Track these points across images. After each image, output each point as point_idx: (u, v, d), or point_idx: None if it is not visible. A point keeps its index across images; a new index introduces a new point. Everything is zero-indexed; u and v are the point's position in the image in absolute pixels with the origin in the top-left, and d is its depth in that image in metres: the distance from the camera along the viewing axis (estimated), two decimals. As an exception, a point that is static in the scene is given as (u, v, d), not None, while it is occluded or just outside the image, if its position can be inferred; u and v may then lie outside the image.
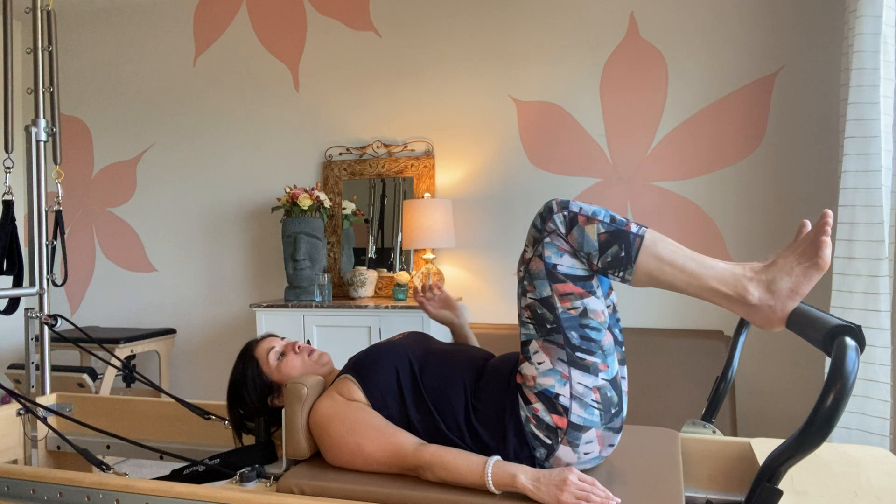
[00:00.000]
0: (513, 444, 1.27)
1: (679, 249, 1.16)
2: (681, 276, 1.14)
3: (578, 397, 1.23)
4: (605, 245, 1.18)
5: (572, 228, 1.21)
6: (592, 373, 1.24)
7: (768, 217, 2.84)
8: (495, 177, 3.19)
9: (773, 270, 1.11)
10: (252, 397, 1.51)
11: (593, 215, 1.21)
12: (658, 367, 2.72)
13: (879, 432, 2.09)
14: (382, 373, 1.37)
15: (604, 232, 1.19)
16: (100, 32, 3.85)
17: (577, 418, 1.24)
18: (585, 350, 1.23)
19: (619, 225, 1.19)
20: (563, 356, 1.23)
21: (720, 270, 1.13)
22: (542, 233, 1.25)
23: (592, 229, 1.20)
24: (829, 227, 1.07)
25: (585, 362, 1.23)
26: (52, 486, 1.38)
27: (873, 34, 2.13)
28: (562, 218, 1.22)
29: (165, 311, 3.76)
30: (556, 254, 1.23)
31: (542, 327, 1.25)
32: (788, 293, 1.09)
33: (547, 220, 1.24)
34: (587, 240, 1.20)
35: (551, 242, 1.23)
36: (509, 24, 3.15)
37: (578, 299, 1.23)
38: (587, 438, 1.25)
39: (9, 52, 2.05)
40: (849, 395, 0.88)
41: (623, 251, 1.17)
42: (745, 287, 1.11)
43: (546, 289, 1.24)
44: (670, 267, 1.15)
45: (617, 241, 1.18)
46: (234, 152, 3.62)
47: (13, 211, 2.06)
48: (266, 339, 1.58)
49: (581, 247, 1.21)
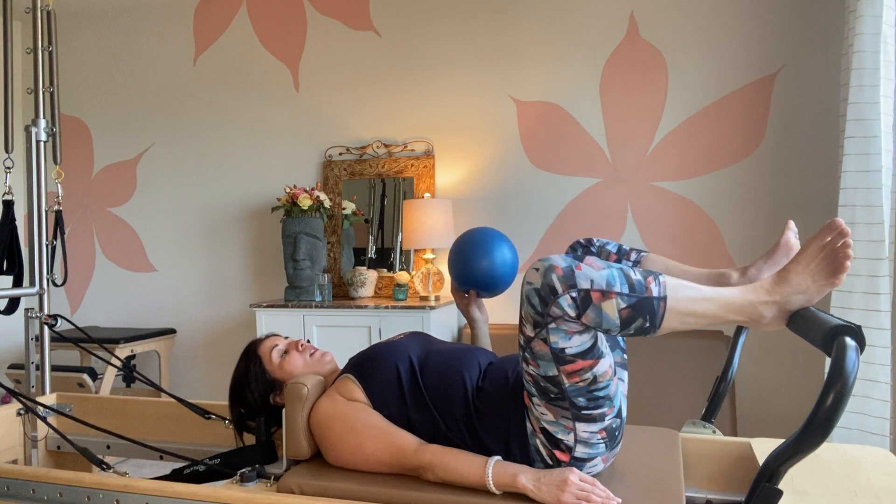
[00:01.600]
0: (515, 448, 1.27)
1: (695, 293, 1.08)
2: (701, 321, 1.09)
3: (584, 441, 1.22)
4: (629, 321, 1.07)
5: (586, 309, 1.07)
6: (599, 420, 1.21)
7: (768, 217, 2.84)
8: (495, 177, 3.19)
9: (787, 290, 1.08)
10: (254, 394, 1.51)
11: (608, 288, 1.06)
12: (658, 367, 2.72)
13: (879, 432, 2.09)
14: (383, 372, 1.37)
15: (625, 307, 1.06)
16: (100, 32, 3.85)
17: (582, 454, 1.23)
18: (593, 407, 1.19)
19: (639, 292, 1.06)
20: (569, 415, 1.20)
21: (735, 303, 1.09)
22: (544, 317, 1.11)
23: (611, 306, 1.06)
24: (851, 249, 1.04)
25: (592, 416, 1.20)
26: (52, 486, 1.38)
27: (873, 34, 2.13)
28: (570, 301, 1.07)
29: (165, 311, 3.75)
30: (563, 338, 1.12)
31: (546, 395, 1.20)
32: (798, 307, 1.09)
33: (550, 304, 1.09)
34: (606, 318, 1.07)
35: (558, 328, 1.11)
36: (509, 24, 3.15)
37: (588, 371, 1.15)
38: (591, 465, 1.26)
39: (9, 52, 2.05)
40: (849, 395, 0.88)
41: (648, 322, 1.07)
42: (760, 313, 1.09)
43: (552, 370, 1.16)
44: (692, 317, 1.08)
45: (641, 315, 1.07)
46: (234, 152, 3.62)
47: (13, 211, 2.06)
48: (269, 338, 1.58)
49: (599, 325, 1.09)
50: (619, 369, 1.39)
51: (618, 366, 1.39)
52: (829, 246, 1.06)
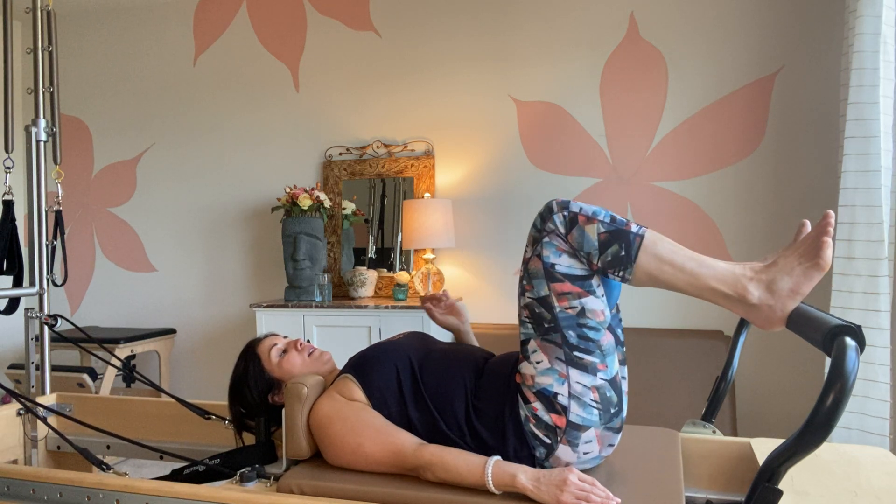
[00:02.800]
0: (512, 443, 1.27)
1: (679, 249, 1.16)
2: (681, 275, 1.14)
3: (577, 396, 1.23)
4: (605, 244, 1.18)
5: (572, 228, 1.21)
6: (591, 372, 1.24)
7: (768, 217, 2.84)
8: (495, 177, 3.19)
9: (774, 270, 1.11)
10: (253, 394, 1.51)
11: (593, 215, 1.20)
12: (658, 367, 2.72)
13: (879, 432, 2.09)
14: (383, 372, 1.37)
15: (604, 231, 1.19)
16: (100, 32, 3.85)
17: (576, 417, 1.24)
18: (583, 349, 1.23)
19: (619, 225, 1.19)
20: (561, 355, 1.24)
21: (720, 270, 1.13)
22: (541, 232, 1.25)
23: (592, 229, 1.20)
24: (832, 228, 1.07)
25: (583, 362, 1.23)
26: (52, 486, 1.38)
27: (873, 34, 2.13)
28: (561, 218, 1.22)
29: (165, 311, 3.75)
30: (554, 253, 1.23)
31: (540, 326, 1.25)
32: (789, 293, 1.09)
33: (546, 219, 1.24)
34: (587, 239, 1.20)
35: (550, 242, 1.24)
36: (509, 24, 3.15)
37: (576, 298, 1.23)
38: (586, 438, 1.25)
39: (9, 52, 2.05)
40: (849, 395, 0.88)
41: (623, 250, 1.17)
42: (745, 287, 1.11)
43: (544, 288, 1.24)
44: (670, 266, 1.15)
45: (617, 241, 1.18)
46: (234, 152, 3.61)
47: (13, 211, 2.06)
48: (268, 338, 1.59)
49: (581, 246, 1.21)
50: (620, 366, 1.39)
51: (618, 361, 1.39)
52: (813, 230, 1.10)
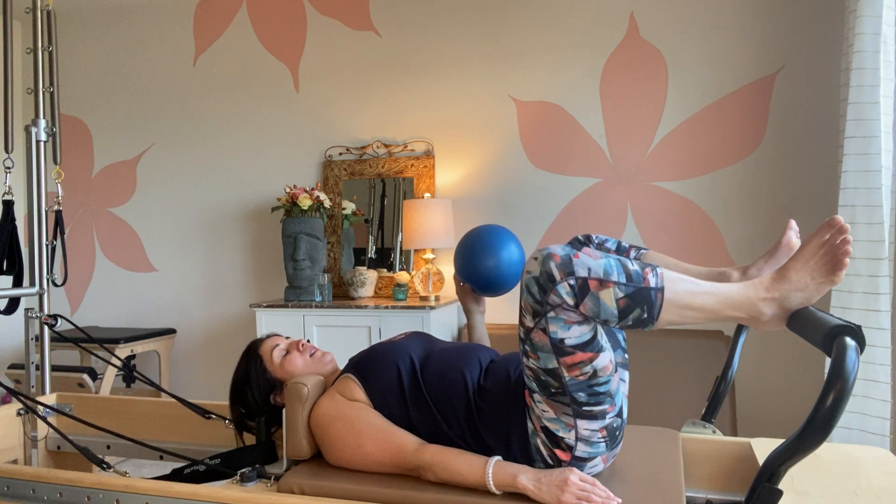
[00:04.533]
0: (515, 447, 1.27)
1: (693, 287, 1.09)
2: (700, 315, 1.09)
3: (585, 439, 1.22)
4: (626, 311, 1.07)
5: (584, 297, 1.08)
6: (600, 418, 1.21)
7: (768, 217, 2.84)
8: (495, 177, 3.19)
9: (786, 287, 1.08)
10: (255, 394, 1.51)
11: (606, 277, 1.07)
12: (658, 367, 2.72)
13: (879, 432, 2.09)
14: (384, 372, 1.37)
15: (623, 297, 1.06)
16: (100, 32, 3.85)
17: (583, 453, 1.23)
18: (594, 403, 1.19)
19: (637, 282, 1.07)
20: (570, 411, 1.20)
21: (734, 298, 1.09)
22: (543, 305, 1.11)
23: (609, 295, 1.07)
24: (850, 246, 1.04)
25: (593, 412, 1.20)
26: (52, 486, 1.38)
27: (873, 34, 2.13)
28: (568, 288, 1.08)
29: (165, 311, 3.75)
30: (562, 328, 1.12)
31: (547, 390, 1.20)
32: (798, 305, 1.09)
33: (548, 291, 1.09)
34: (604, 308, 1.07)
35: (557, 317, 1.11)
36: (509, 24, 3.15)
37: (588, 364, 1.15)
38: (592, 464, 1.25)
39: (9, 52, 2.05)
40: (849, 395, 0.88)
41: (646, 313, 1.07)
42: (759, 310, 1.09)
43: (552, 361, 1.16)
44: (690, 311, 1.08)
45: (638, 305, 1.07)
46: (234, 152, 3.61)
47: (13, 211, 2.06)
48: (270, 338, 1.59)
49: (597, 315, 1.09)
50: (621, 369, 1.39)
51: (619, 365, 1.39)
52: (828, 243, 1.06)
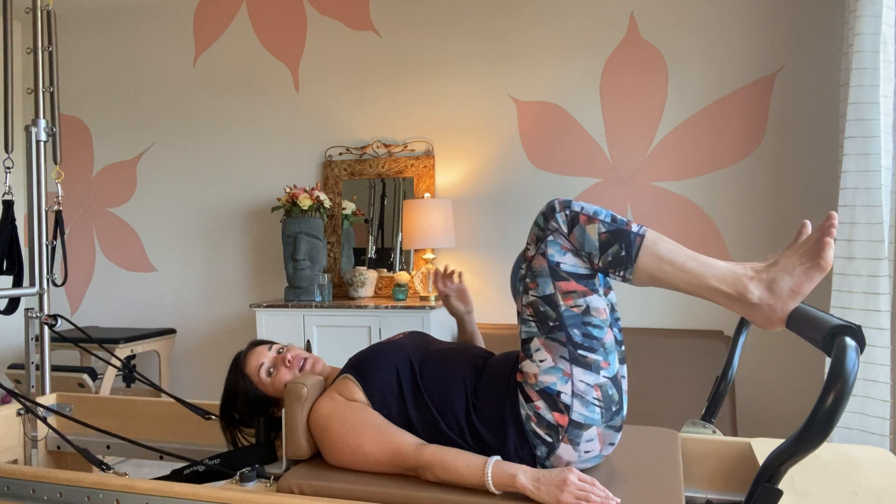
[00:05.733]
0: (513, 442, 1.27)
1: (679, 249, 1.17)
2: (681, 275, 1.15)
3: (580, 395, 1.23)
4: (606, 244, 1.19)
5: (574, 227, 1.22)
6: (594, 370, 1.24)
7: (768, 217, 2.84)
8: (495, 177, 3.19)
9: (775, 270, 1.12)
10: (249, 410, 1.52)
11: (594, 215, 1.21)
12: (658, 367, 2.72)
13: (879, 432, 2.09)
14: (383, 372, 1.37)
15: (604, 231, 1.19)
16: (100, 32, 3.85)
17: (579, 416, 1.24)
18: (588, 347, 1.24)
19: (620, 225, 1.20)
20: (566, 354, 1.24)
21: (721, 269, 1.14)
22: (544, 231, 1.25)
23: (593, 228, 1.20)
24: (835, 229, 1.07)
25: (587, 360, 1.24)
26: (52, 486, 1.38)
27: (873, 34, 2.13)
28: (564, 217, 1.23)
29: (165, 311, 3.75)
30: (559, 252, 1.24)
31: (545, 325, 1.25)
32: (789, 293, 1.09)
33: (549, 218, 1.24)
34: (588, 239, 1.21)
35: (554, 241, 1.24)
36: (509, 24, 3.15)
37: (581, 297, 1.23)
38: (588, 437, 1.25)
39: (9, 52, 2.05)
40: (849, 395, 0.88)
41: (623, 250, 1.18)
42: (745, 286, 1.11)
43: (549, 286, 1.24)
44: (670, 266, 1.15)
45: (617, 241, 1.18)
46: (234, 152, 3.61)
47: (13, 211, 2.06)
48: (254, 352, 1.54)
49: (582, 246, 1.21)
50: (620, 365, 1.39)
51: (618, 359, 1.39)
52: (816, 231, 1.11)
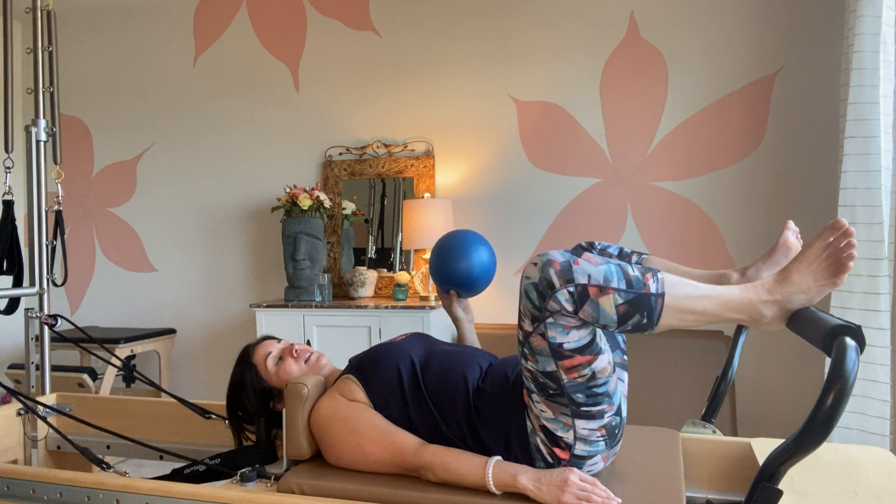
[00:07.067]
0: (514, 450, 1.27)
1: (694, 290, 1.08)
2: (701, 318, 1.09)
3: (583, 438, 1.22)
4: (626, 316, 1.07)
5: (583, 304, 1.07)
6: (598, 418, 1.21)
7: (768, 217, 2.84)
8: (495, 177, 3.19)
9: (788, 290, 1.08)
10: (252, 402, 1.51)
11: (606, 283, 1.06)
12: (658, 367, 2.72)
13: (879, 432, 2.09)
14: (384, 373, 1.37)
15: (622, 303, 1.06)
16: (100, 32, 3.85)
17: (582, 451, 1.23)
18: (592, 404, 1.19)
19: (637, 288, 1.06)
20: (568, 412, 1.20)
21: (735, 301, 1.08)
22: (542, 311, 1.11)
23: (608, 302, 1.06)
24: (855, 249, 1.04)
25: (591, 413, 1.20)
26: (52, 486, 1.38)
27: (873, 34, 2.13)
28: (567, 295, 1.08)
29: (165, 311, 3.75)
30: (561, 333, 1.12)
31: (545, 391, 1.20)
32: (799, 306, 1.09)
33: (548, 298, 1.09)
34: (603, 314, 1.07)
35: (555, 323, 1.11)
36: (509, 24, 3.15)
37: (587, 367, 1.15)
38: (592, 462, 1.25)
39: (9, 52, 2.05)
40: (849, 395, 0.88)
41: (645, 318, 1.07)
42: (760, 312, 1.09)
43: (550, 365, 1.16)
44: (691, 314, 1.08)
45: (638, 311, 1.06)
46: (234, 152, 3.61)
47: (13, 211, 2.05)
48: (263, 344, 1.56)
49: (596, 320, 1.09)
50: (619, 370, 1.39)
51: (618, 366, 1.39)
52: (832, 245, 1.06)
